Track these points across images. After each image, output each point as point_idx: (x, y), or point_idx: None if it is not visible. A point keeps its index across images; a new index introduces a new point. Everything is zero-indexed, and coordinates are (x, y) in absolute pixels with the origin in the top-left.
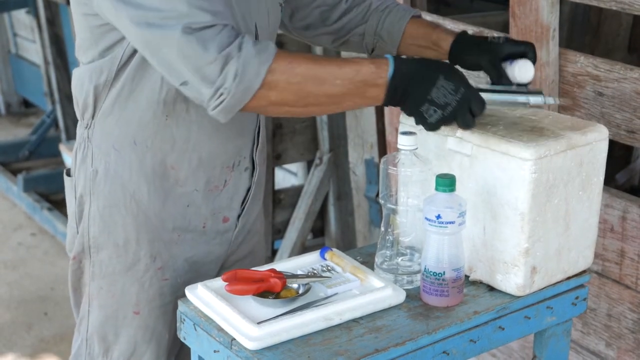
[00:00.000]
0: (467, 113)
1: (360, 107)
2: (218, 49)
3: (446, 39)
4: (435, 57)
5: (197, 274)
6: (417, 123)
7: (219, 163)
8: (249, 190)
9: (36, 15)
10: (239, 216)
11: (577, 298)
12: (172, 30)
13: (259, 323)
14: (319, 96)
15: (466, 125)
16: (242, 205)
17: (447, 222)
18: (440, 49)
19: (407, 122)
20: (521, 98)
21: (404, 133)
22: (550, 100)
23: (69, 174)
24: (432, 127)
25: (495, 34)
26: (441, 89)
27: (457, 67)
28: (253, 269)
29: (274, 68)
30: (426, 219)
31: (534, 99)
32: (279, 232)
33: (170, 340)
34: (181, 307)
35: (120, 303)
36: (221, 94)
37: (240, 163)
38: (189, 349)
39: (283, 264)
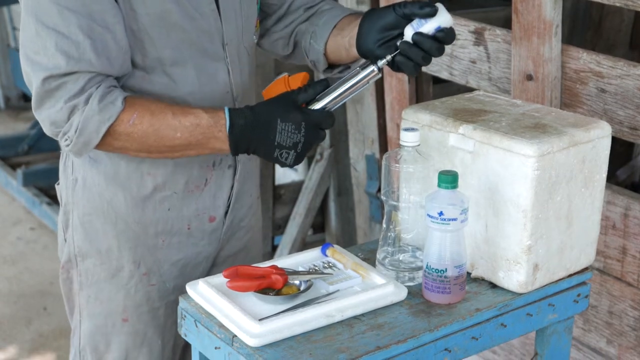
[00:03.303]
0: (319, 136)
1: (211, 153)
2: (65, 99)
3: (351, 46)
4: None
5: (188, 277)
6: (280, 165)
7: (196, 163)
8: (233, 187)
9: None
10: (225, 214)
11: (579, 295)
12: (35, 74)
13: (260, 320)
14: (161, 147)
15: (321, 140)
16: (227, 202)
17: (449, 219)
18: (351, 55)
19: (409, 119)
20: (361, 75)
21: (407, 129)
22: (382, 62)
23: (58, 183)
24: (293, 165)
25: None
26: (283, 132)
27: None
28: (254, 265)
29: (116, 124)
30: (428, 215)
31: (372, 67)
32: (279, 227)
33: (163, 347)
34: (182, 303)
35: (108, 311)
36: (66, 139)
37: (222, 161)
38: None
39: (284, 261)
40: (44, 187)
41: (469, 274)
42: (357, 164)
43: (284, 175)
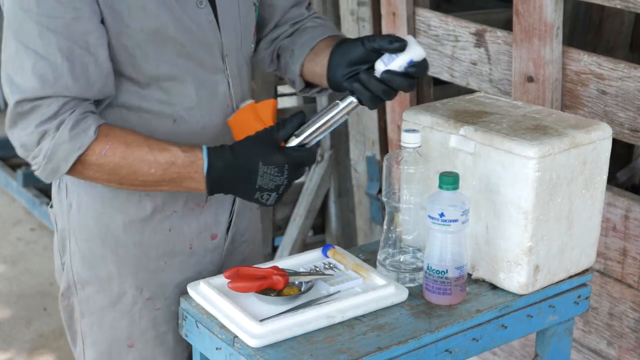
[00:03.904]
0: (301, 174)
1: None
2: (36, 124)
3: (322, 76)
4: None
5: None
6: (260, 205)
7: None
8: (234, 202)
9: None
10: (227, 230)
11: (579, 297)
12: (12, 95)
13: (261, 320)
14: (133, 180)
15: (301, 177)
16: (229, 218)
17: (450, 220)
18: (325, 84)
19: (410, 120)
20: (340, 107)
21: (408, 131)
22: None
23: (51, 206)
24: (274, 204)
25: None
26: (265, 176)
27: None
28: (255, 266)
29: (87, 153)
30: (429, 217)
31: (351, 99)
32: (279, 229)
33: None
34: (183, 304)
35: (112, 339)
36: (35, 164)
37: None
38: None
39: (285, 262)
40: (44, 187)
41: (469, 275)
42: (358, 166)
43: None
